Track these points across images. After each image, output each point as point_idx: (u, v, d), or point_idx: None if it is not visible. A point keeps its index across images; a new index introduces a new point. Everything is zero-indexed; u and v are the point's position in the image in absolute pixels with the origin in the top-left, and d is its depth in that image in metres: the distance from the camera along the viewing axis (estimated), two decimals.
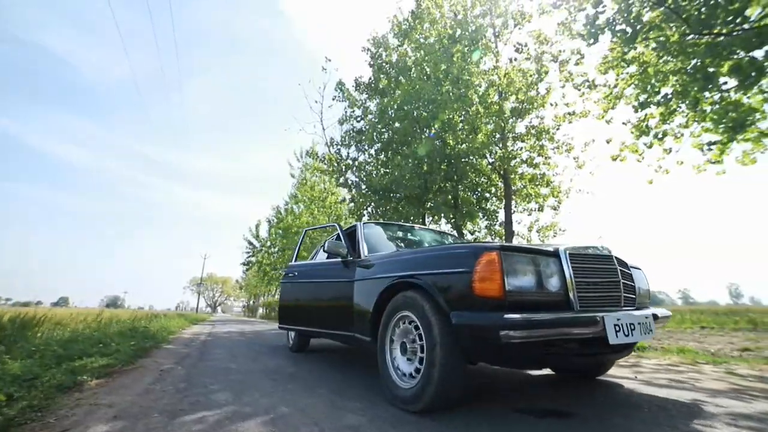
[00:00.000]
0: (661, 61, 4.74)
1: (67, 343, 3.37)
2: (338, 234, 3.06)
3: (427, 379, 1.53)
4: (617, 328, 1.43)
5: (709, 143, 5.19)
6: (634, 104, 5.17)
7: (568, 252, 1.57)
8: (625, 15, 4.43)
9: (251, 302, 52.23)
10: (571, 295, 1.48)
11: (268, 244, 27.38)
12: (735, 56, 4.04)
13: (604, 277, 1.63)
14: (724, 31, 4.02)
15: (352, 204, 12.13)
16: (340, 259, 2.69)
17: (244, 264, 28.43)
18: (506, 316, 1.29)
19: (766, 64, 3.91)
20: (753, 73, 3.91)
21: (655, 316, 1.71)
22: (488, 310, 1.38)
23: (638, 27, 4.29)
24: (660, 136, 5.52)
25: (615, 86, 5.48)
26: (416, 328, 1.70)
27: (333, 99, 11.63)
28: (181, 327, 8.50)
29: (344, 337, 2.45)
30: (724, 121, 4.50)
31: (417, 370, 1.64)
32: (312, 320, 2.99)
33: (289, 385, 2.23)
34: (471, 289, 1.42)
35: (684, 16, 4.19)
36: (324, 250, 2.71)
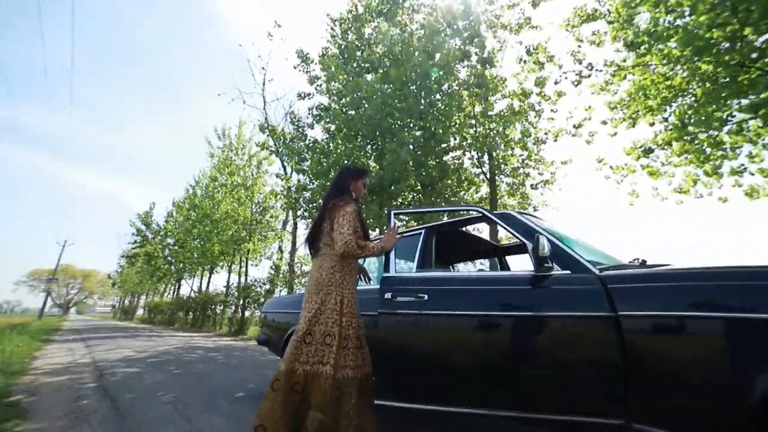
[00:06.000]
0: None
1: None
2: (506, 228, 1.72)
3: None
4: None
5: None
6: (676, 122, 5.17)
7: None
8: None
9: (127, 302, 42.06)
10: None
11: (163, 233, 22.21)
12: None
13: None
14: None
15: (288, 197, 10.34)
16: (536, 273, 1.42)
17: (127, 257, 22.22)
18: None
19: None
20: None
21: None
22: None
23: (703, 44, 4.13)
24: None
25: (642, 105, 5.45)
26: None
27: (294, 68, 9.99)
28: (29, 353, 5.36)
29: (589, 426, 1.16)
30: None
31: None
32: (475, 392, 1.47)
33: None
34: None
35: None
36: (540, 255, 1.33)
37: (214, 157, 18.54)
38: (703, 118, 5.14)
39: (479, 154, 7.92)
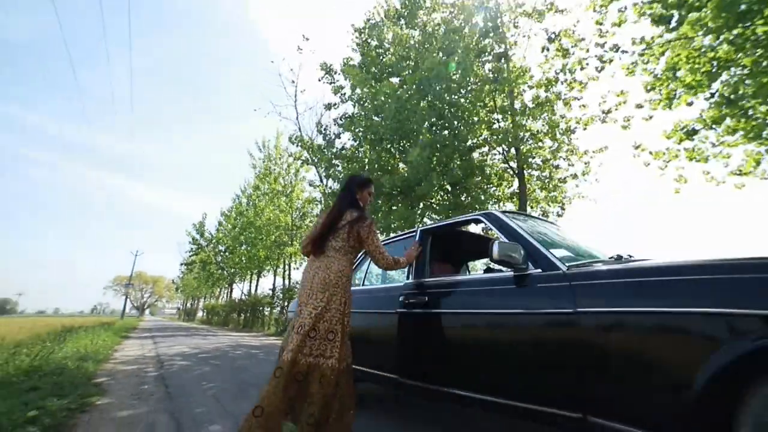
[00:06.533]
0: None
1: None
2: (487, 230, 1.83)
3: None
4: None
5: None
6: (717, 100, 4.71)
7: None
8: None
9: (189, 305, 46.58)
10: None
11: (215, 241, 24.23)
12: None
13: None
14: None
15: (324, 200, 10.78)
16: (512, 274, 1.51)
17: (186, 264, 24.72)
18: None
19: None
20: None
21: None
22: None
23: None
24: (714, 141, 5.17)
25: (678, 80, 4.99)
26: None
27: (319, 80, 10.43)
28: (111, 346, 6.31)
29: (550, 416, 1.25)
30: None
31: None
32: (457, 376, 1.68)
33: None
34: None
35: None
36: (493, 259, 1.49)
37: (256, 167, 19.92)
38: (755, 89, 4.58)
39: (505, 149, 7.72)
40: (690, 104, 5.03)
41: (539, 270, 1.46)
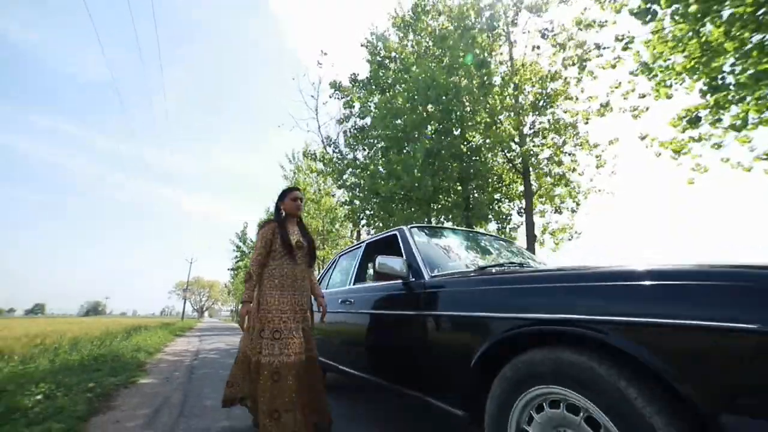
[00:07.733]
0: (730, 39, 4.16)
1: None
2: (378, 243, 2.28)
3: None
4: None
5: None
6: (703, 88, 4.56)
7: None
8: None
9: (239, 307, 50.47)
10: None
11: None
12: None
13: None
14: None
15: (348, 207, 11.44)
16: (401, 282, 1.89)
17: (233, 269, 27.15)
18: None
19: None
20: None
21: None
22: None
23: None
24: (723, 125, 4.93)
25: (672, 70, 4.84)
26: (589, 421, 0.94)
27: (330, 97, 11.09)
28: (164, 342, 7.52)
29: (409, 397, 1.67)
30: None
31: None
32: (358, 359, 2.25)
33: None
34: None
35: None
36: (376, 269, 1.85)
37: (288, 179, 21.33)
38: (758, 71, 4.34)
39: (505, 149, 7.77)
40: (670, 97, 4.85)
41: (414, 279, 1.85)
